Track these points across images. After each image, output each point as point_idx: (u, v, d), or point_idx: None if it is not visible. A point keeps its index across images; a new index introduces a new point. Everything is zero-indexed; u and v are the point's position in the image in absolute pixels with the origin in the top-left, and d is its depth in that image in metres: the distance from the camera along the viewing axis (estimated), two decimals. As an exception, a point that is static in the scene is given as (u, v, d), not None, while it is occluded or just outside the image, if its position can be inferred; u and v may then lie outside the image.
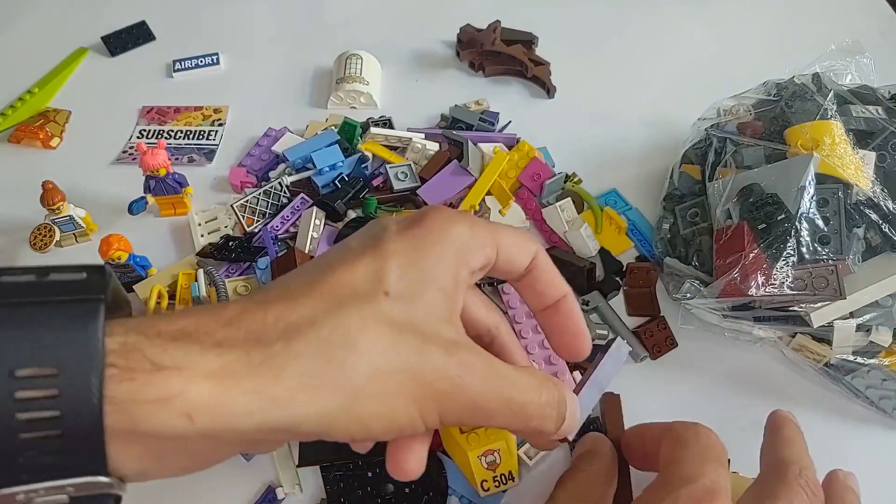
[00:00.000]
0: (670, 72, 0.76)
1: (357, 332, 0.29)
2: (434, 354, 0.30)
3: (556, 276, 0.38)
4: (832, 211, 0.50)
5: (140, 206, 0.62)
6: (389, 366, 0.29)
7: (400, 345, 0.29)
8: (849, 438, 0.52)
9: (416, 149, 0.64)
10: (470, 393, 0.31)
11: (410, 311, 0.30)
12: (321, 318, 0.29)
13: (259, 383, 0.27)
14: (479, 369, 0.31)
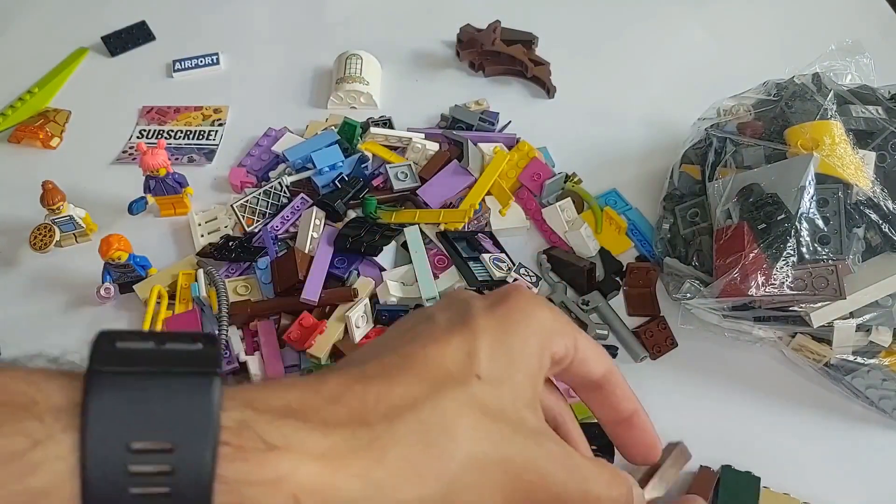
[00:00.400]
0: (670, 72, 0.76)
1: (454, 417, 0.28)
2: (523, 445, 0.29)
3: (629, 391, 0.37)
4: (832, 211, 0.50)
5: (140, 206, 0.62)
6: (485, 455, 0.28)
7: (494, 434, 0.29)
8: (849, 438, 0.52)
9: (416, 149, 0.64)
10: (553, 484, 0.30)
11: (500, 397, 0.30)
12: (420, 401, 0.28)
13: (364, 467, 0.26)
14: (562, 460, 0.31)
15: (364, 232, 0.58)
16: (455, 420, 0.28)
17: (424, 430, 0.28)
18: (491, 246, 0.60)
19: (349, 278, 0.57)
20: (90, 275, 0.58)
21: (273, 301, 0.55)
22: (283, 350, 0.54)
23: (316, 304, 0.54)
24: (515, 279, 0.57)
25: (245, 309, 0.54)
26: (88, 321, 0.57)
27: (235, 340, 0.54)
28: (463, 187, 0.62)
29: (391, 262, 0.58)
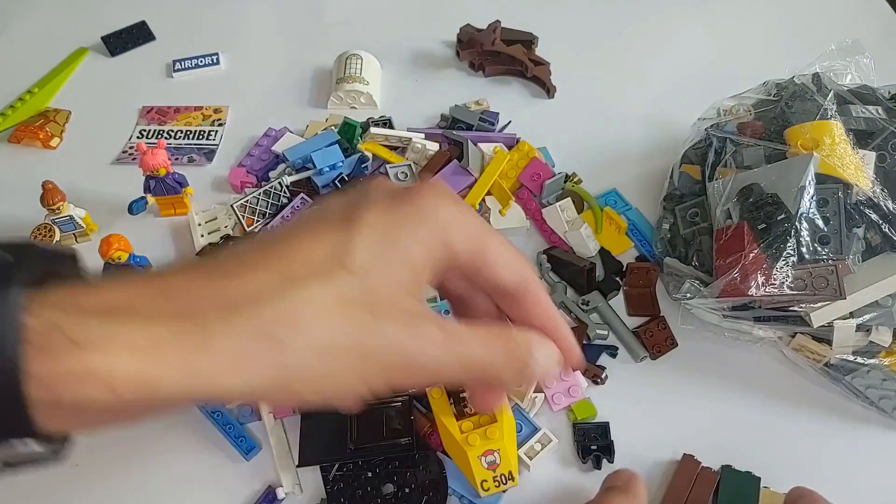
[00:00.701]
0: (670, 72, 0.76)
1: (302, 311, 0.28)
2: (384, 332, 0.30)
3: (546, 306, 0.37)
4: (832, 211, 0.50)
5: (140, 206, 0.62)
6: (334, 345, 0.29)
7: (351, 323, 0.29)
8: (849, 438, 0.52)
9: (416, 149, 0.64)
10: (425, 361, 0.31)
11: (370, 285, 0.30)
12: (265, 295, 0.28)
13: (185, 356, 0.27)
14: (437, 338, 0.31)
15: (364, 232, 0.58)
16: (303, 314, 0.28)
17: (262, 324, 0.28)
18: (491, 246, 0.60)
19: (349, 278, 0.57)
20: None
21: (273, 301, 0.55)
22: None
23: (316, 304, 0.54)
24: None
25: (245, 309, 0.54)
26: (88, 321, 0.57)
27: (235, 340, 0.54)
28: (463, 187, 0.62)
29: (391, 262, 0.58)
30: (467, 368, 0.33)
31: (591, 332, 0.55)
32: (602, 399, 0.52)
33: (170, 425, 0.52)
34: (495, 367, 0.34)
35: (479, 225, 0.34)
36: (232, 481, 0.49)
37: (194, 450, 0.51)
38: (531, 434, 0.51)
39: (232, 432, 0.50)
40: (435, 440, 0.50)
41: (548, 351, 0.36)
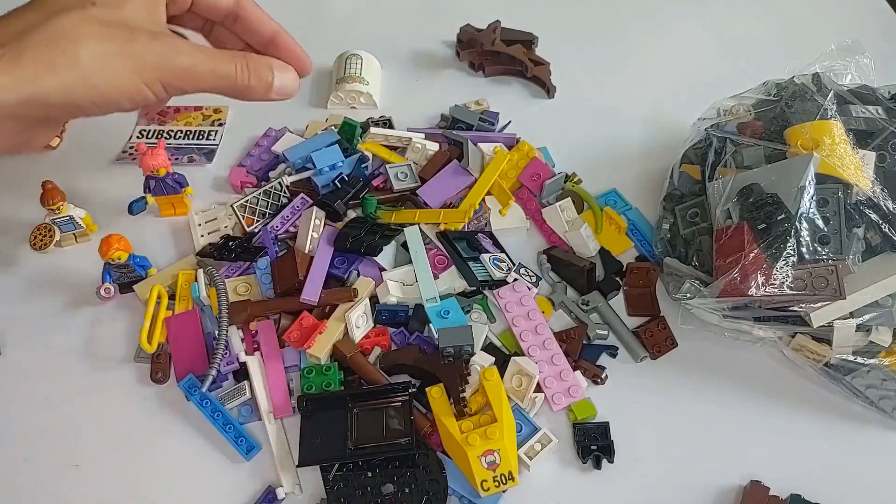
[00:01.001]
0: (670, 72, 0.76)
1: (71, 28, 0.40)
2: (141, 39, 0.42)
3: (264, 16, 0.51)
4: (832, 211, 0.50)
5: (140, 206, 0.62)
6: (106, 49, 0.41)
7: (111, 35, 0.41)
8: (849, 438, 0.52)
9: (416, 149, 0.64)
10: (180, 62, 0.43)
11: (116, 14, 0.42)
12: (41, 22, 0.40)
13: (5, 67, 0.38)
14: (184, 47, 0.44)
15: (364, 232, 0.58)
16: (74, 29, 0.40)
17: (48, 39, 0.39)
18: (491, 246, 0.60)
19: (349, 278, 0.57)
20: (90, 275, 0.58)
21: (273, 301, 0.55)
22: (283, 350, 0.54)
23: (316, 305, 0.54)
24: (516, 279, 0.57)
25: (245, 309, 0.54)
26: (88, 321, 0.57)
27: (235, 340, 0.54)
28: (463, 187, 0.62)
29: (391, 262, 0.58)
30: (221, 77, 0.45)
31: (591, 332, 0.55)
32: (602, 399, 0.52)
33: (170, 425, 0.52)
34: (243, 81, 0.47)
35: None
36: (232, 481, 0.49)
37: (194, 450, 0.51)
38: (531, 434, 0.51)
39: (232, 432, 0.50)
40: (435, 440, 0.50)
41: (287, 73, 0.49)
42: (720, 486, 0.50)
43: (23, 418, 0.52)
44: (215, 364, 0.52)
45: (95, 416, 0.52)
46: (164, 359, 0.54)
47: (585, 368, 0.54)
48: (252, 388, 0.52)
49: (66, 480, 0.49)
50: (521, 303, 0.55)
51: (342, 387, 0.51)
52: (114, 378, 0.54)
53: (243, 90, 0.47)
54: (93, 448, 0.51)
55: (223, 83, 0.46)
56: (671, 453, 0.51)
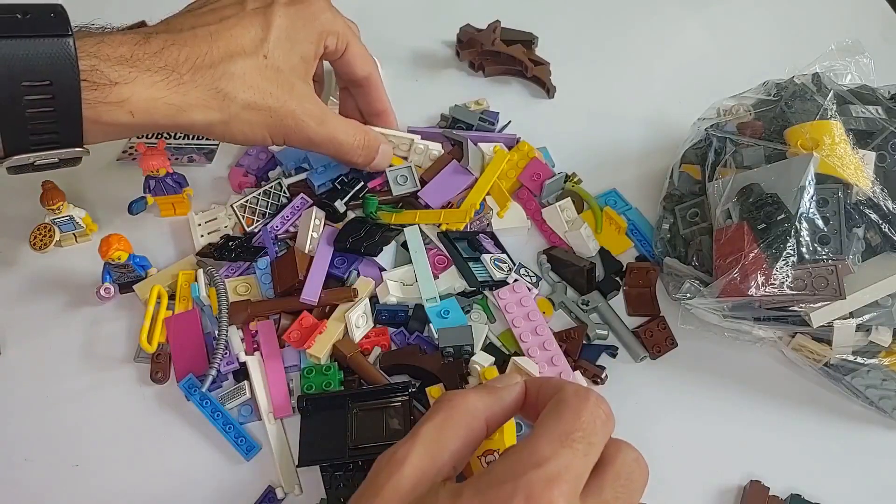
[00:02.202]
0: (670, 72, 0.76)
1: (241, 78, 0.47)
2: (287, 100, 0.49)
3: (382, 94, 0.60)
4: (832, 211, 0.50)
5: (140, 206, 0.62)
6: (257, 103, 0.48)
7: (268, 91, 0.48)
8: (849, 438, 0.52)
9: (418, 150, 0.64)
10: (306, 130, 0.51)
11: (277, 69, 0.49)
12: (217, 62, 0.46)
13: (175, 98, 0.45)
14: (316, 115, 0.51)
15: (364, 232, 0.58)
16: (241, 78, 0.47)
17: (217, 80, 0.46)
18: (492, 246, 0.59)
19: (349, 278, 0.57)
20: (90, 275, 0.58)
21: (273, 301, 0.55)
22: (283, 350, 0.54)
23: (316, 305, 0.54)
24: (516, 280, 0.57)
25: (245, 309, 0.54)
26: (88, 321, 0.57)
27: (235, 340, 0.54)
28: (464, 187, 0.62)
29: (391, 262, 0.58)
30: (333, 144, 0.53)
31: (591, 332, 0.55)
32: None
33: (170, 425, 0.52)
34: (353, 151, 0.55)
35: (346, 27, 0.55)
36: (232, 481, 0.49)
37: (194, 450, 0.51)
38: (531, 434, 0.50)
39: (232, 432, 0.50)
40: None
41: (387, 153, 0.58)
42: (720, 486, 0.50)
43: (23, 418, 0.52)
44: (215, 364, 0.52)
45: (95, 416, 0.52)
46: (164, 359, 0.54)
47: (585, 368, 0.54)
48: (252, 388, 0.52)
49: (66, 480, 0.49)
50: (521, 303, 0.55)
51: (342, 387, 0.51)
52: (114, 378, 0.54)
53: (350, 160, 0.56)
54: (93, 448, 0.51)
55: (335, 150, 0.54)
56: (671, 453, 0.51)
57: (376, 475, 0.32)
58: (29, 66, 0.40)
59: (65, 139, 0.43)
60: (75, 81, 0.41)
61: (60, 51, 0.40)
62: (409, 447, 0.32)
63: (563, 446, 0.30)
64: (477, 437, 0.34)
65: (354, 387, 0.52)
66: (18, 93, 0.40)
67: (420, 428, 0.33)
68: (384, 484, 0.31)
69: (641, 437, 0.51)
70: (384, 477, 0.31)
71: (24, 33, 0.40)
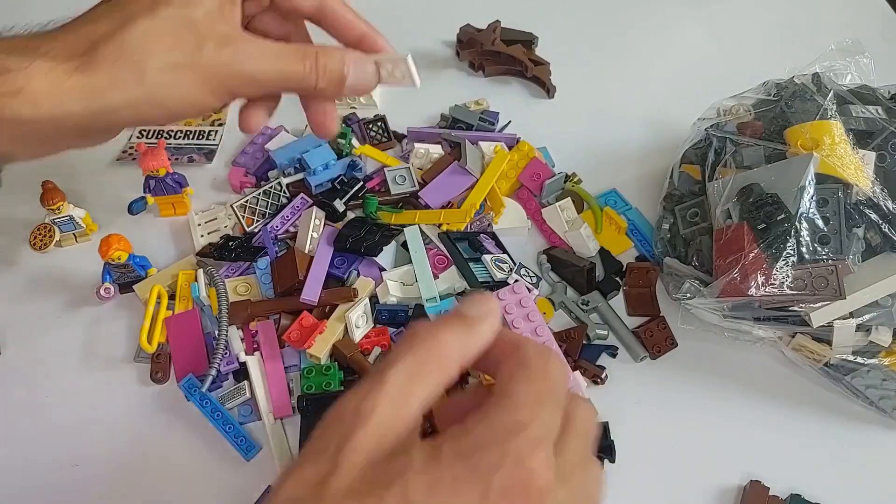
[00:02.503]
0: (670, 72, 0.76)
1: (141, 40, 0.39)
2: (209, 48, 0.40)
3: (350, 17, 0.46)
4: (832, 211, 0.50)
5: (140, 206, 0.62)
6: (173, 61, 0.40)
7: (180, 44, 0.40)
8: (849, 438, 0.52)
9: (419, 154, 0.64)
10: (247, 70, 0.41)
11: (187, 16, 0.41)
12: (116, 33, 0.39)
13: (79, 80, 0.38)
14: (252, 51, 0.42)
15: (364, 232, 0.58)
16: (144, 42, 0.39)
17: (119, 52, 0.39)
18: (493, 247, 0.59)
19: (349, 278, 0.57)
20: (90, 275, 0.58)
21: (273, 301, 0.55)
22: (283, 350, 0.54)
23: (316, 305, 0.54)
24: (516, 280, 0.57)
25: (245, 309, 0.54)
26: (88, 321, 0.57)
27: (235, 340, 0.54)
28: (464, 188, 0.62)
29: (391, 262, 0.58)
30: (287, 79, 0.43)
31: (591, 332, 0.55)
32: (602, 399, 0.52)
33: (170, 425, 0.52)
34: (310, 77, 0.43)
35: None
36: (232, 481, 0.49)
37: (194, 450, 0.51)
38: (531, 434, 0.50)
39: (232, 432, 0.50)
40: (435, 440, 0.49)
41: (365, 65, 0.44)
42: (720, 486, 0.50)
43: (23, 418, 0.52)
44: (215, 364, 0.52)
45: (95, 416, 0.52)
46: (164, 359, 0.54)
47: (585, 368, 0.54)
48: (252, 388, 0.52)
49: (66, 480, 0.49)
50: (521, 304, 0.55)
51: (342, 387, 0.51)
52: (114, 378, 0.54)
53: (313, 91, 0.44)
54: (93, 448, 0.51)
55: (292, 85, 0.44)
56: (671, 453, 0.51)
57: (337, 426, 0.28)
58: None
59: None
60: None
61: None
62: (375, 399, 0.28)
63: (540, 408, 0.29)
64: (449, 382, 0.31)
65: (354, 387, 0.52)
66: None
67: (388, 374, 0.29)
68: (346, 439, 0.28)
69: (641, 437, 0.52)
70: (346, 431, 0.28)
71: None
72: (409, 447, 0.28)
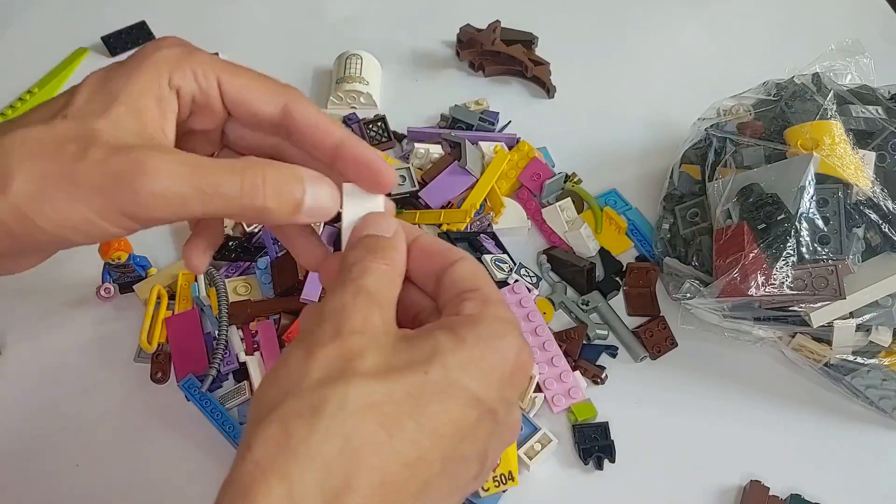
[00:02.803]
0: (670, 72, 0.76)
1: (11, 147, 0.31)
2: (91, 157, 0.31)
3: (323, 123, 0.35)
4: (832, 211, 0.50)
5: (140, 206, 0.62)
6: (42, 172, 0.31)
7: (58, 154, 0.31)
8: (849, 438, 0.52)
9: (419, 154, 0.64)
10: (147, 189, 0.31)
11: (84, 125, 0.32)
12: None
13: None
14: (157, 164, 0.31)
15: (364, 232, 0.58)
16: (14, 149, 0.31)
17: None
18: (493, 247, 0.59)
19: (349, 278, 0.57)
20: (90, 275, 0.58)
21: (273, 301, 0.55)
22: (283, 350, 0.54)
23: (316, 304, 0.54)
24: (516, 280, 0.57)
25: (245, 309, 0.54)
26: (88, 321, 0.57)
27: (235, 340, 0.54)
28: (465, 188, 0.62)
29: (391, 262, 0.58)
30: (212, 199, 0.32)
31: (591, 332, 0.55)
32: (602, 399, 0.52)
33: (170, 425, 0.52)
34: (252, 202, 0.32)
35: (210, 60, 0.34)
36: (232, 481, 0.49)
37: (194, 450, 0.51)
38: (531, 434, 0.51)
39: (232, 432, 0.50)
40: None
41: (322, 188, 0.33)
42: (720, 486, 0.50)
43: (23, 418, 0.52)
44: (215, 364, 0.52)
45: (95, 416, 0.52)
46: (164, 359, 0.54)
47: (585, 368, 0.54)
48: (252, 388, 0.52)
49: (66, 480, 0.49)
50: (521, 304, 0.55)
51: (342, 387, 0.51)
52: (114, 378, 0.54)
53: (257, 213, 0.33)
54: (93, 448, 0.51)
55: (222, 207, 0.33)
56: (671, 453, 0.51)
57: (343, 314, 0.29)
58: None
59: None
60: None
61: None
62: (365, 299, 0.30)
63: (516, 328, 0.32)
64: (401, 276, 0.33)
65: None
66: None
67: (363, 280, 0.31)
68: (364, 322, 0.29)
69: (641, 437, 0.52)
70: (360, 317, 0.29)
71: None
72: (430, 333, 0.30)
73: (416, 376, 0.28)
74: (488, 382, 0.29)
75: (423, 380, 0.28)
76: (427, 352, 0.29)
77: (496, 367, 0.30)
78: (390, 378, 0.27)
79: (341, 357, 0.28)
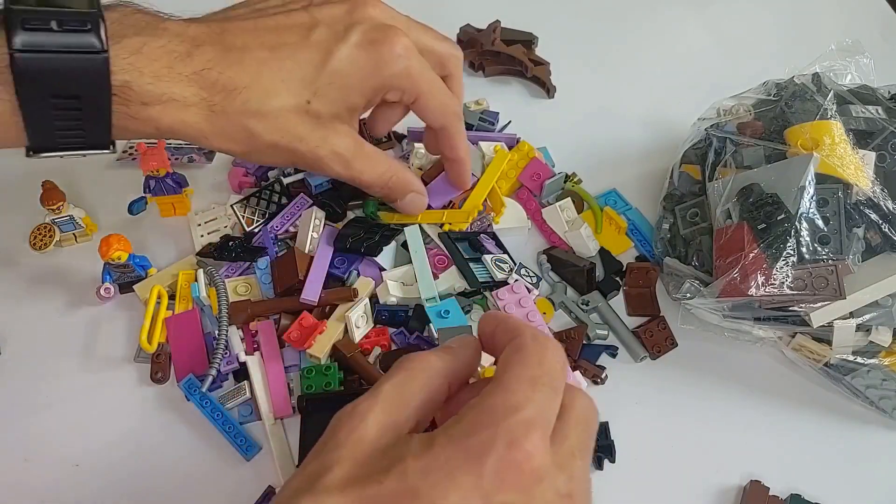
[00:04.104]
0: (670, 72, 0.76)
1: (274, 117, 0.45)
2: (319, 148, 0.47)
3: (460, 144, 0.54)
4: (832, 211, 0.50)
5: (140, 206, 0.62)
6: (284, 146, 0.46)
7: (299, 136, 0.46)
8: (849, 438, 0.52)
9: (419, 154, 0.64)
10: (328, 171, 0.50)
11: (319, 117, 0.46)
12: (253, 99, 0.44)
13: (202, 125, 0.44)
14: (343, 159, 0.49)
15: (364, 232, 0.58)
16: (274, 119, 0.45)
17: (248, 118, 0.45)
18: (493, 247, 0.59)
19: (349, 278, 0.57)
20: (90, 275, 0.58)
21: (273, 301, 0.55)
22: (283, 350, 0.54)
23: (316, 304, 0.54)
24: (517, 280, 0.57)
25: (245, 309, 0.54)
26: (88, 321, 0.57)
27: (235, 340, 0.54)
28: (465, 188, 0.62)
29: (391, 262, 0.58)
30: (356, 182, 0.52)
31: (591, 332, 0.55)
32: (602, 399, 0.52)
33: (170, 425, 0.52)
34: (373, 188, 0.53)
35: (420, 76, 0.48)
36: (232, 481, 0.49)
37: (194, 450, 0.51)
38: (531, 434, 0.50)
39: (232, 432, 0.50)
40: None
41: (418, 200, 0.56)
42: (720, 486, 0.50)
43: (23, 418, 0.52)
44: (215, 364, 0.52)
45: (95, 416, 0.52)
46: (164, 359, 0.54)
47: (585, 368, 0.54)
48: (252, 388, 0.52)
49: (66, 480, 0.49)
50: (521, 304, 0.55)
51: (342, 387, 0.51)
52: (114, 378, 0.54)
53: (375, 193, 0.54)
54: (93, 448, 0.51)
55: (364, 182, 0.51)
56: (671, 453, 0.51)
57: (336, 429, 0.31)
58: (59, 82, 0.39)
59: (91, 142, 0.43)
60: (106, 98, 0.40)
61: (92, 68, 0.39)
62: (370, 403, 0.31)
63: (535, 391, 0.30)
64: (438, 396, 0.33)
65: (354, 387, 0.52)
66: (47, 105, 0.40)
67: (380, 387, 0.32)
68: (347, 436, 0.30)
69: (641, 437, 0.52)
70: (346, 430, 0.30)
71: (55, 48, 0.38)
72: (407, 440, 0.30)
73: (372, 487, 0.27)
74: (459, 487, 0.27)
75: (376, 490, 0.27)
76: (390, 460, 0.28)
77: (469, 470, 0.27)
78: (347, 491, 0.28)
79: (314, 473, 0.29)
